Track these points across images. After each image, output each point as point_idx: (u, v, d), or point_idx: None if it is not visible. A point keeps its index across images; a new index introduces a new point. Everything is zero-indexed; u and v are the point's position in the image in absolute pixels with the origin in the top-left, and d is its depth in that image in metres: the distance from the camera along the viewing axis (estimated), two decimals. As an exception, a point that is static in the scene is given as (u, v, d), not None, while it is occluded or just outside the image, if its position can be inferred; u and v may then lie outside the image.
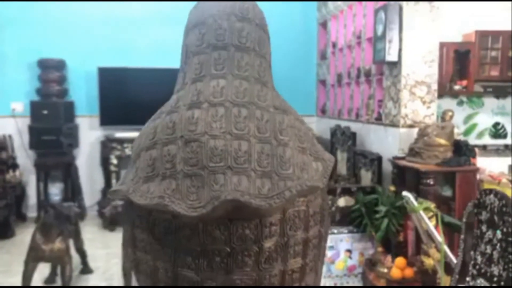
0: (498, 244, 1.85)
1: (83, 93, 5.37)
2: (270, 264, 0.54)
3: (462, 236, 2.09)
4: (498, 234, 1.85)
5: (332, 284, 3.32)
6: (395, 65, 3.49)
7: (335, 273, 3.41)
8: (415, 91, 3.43)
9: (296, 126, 0.57)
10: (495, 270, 1.84)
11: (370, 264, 3.35)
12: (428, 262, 2.97)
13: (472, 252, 2.02)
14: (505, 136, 5.28)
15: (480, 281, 1.92)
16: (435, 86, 3.47)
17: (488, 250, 1.91)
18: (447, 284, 2.58)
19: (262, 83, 0.59)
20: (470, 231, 2.06)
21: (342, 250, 3.43)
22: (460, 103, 5.14)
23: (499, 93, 5.15)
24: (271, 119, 0.55)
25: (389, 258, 3.24)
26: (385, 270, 3.16)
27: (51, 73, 5.09)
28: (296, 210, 0.56)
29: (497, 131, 5.29)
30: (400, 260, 3.10)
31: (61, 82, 5.19)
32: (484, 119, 5.22)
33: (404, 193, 2.51)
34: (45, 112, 5.04)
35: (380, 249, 3.34)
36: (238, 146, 0.52)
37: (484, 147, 5.05)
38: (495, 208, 1.87)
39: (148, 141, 0.57)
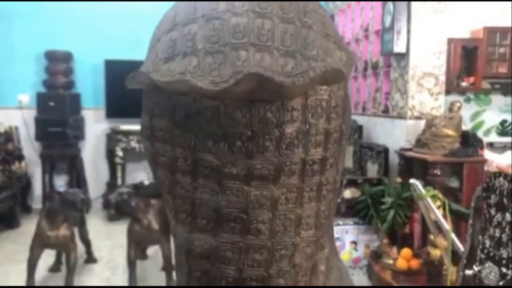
0: (507, 227, 1.83)
1: (90, 85, 5.38)
2: (291, 151, 0.53)
3: (470, 221, 2.07)
4: (508, 216, 1.83)
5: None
6: (403, 56, 3.48)
7: (340, 265, 3.39)
8: (423, 82, 3.41)
9: (320, 12, 0.56)
10: (504, 253, 1.83)
11: (376, 256, 3.33)
12: (435, 253, 2.94)
13: (480, 237, 2.00)
14: (512, 134, 5.25)
15: (489, 265, 1.90)
16: (443, 78, 3.46)
17: (497, 234, 1.89)
18: (454, 274, 2.55)
19: None
20: (479, 216, 2.04)
21: (348, 241, 3.41)
22: (467, 100, 5.10)
23: (507, 90, 5.11)
24: (294, 1, 0.54)
25: (394, 249, 3.22)
26: (391, 262, 3.15)
27: (58, 65, 5.12)
28: (319, 98, 0.55)
29: (504, 129, 5.25)
30: (406, 251, 3.08)
31: (67, 74, 5.21)
32: (491, 117, 5.18)
33: (412, 180, 2.50)
34: (52, 104, 5.06)
35: (385, 240, 3.32)
36: (261, 24, 0.51)
37: (491, 145, 5.01)
38: (505, 190, 1.86)
39: (168, 25, 0.56)
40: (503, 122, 5.21)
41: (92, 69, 5.35)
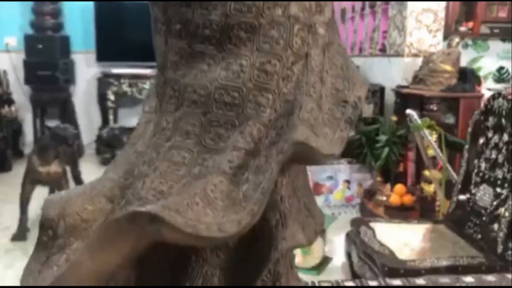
0: (504, 147, 1.81)
1: (79, 27, 5.22)
2: None
3: (466, 146, 2.05)
4: (505, 137, 1.81)
5: (329, 214, 3.31)
6: (402, -9, 3.37)
7: (333, 203, 3.40)
8: (421, 18, 3.32)
9: None
10: (499, 173, 1.81)
11: (369, 194, 3.34)
12: (428, 189, 2.95)
13: (476, 161, 1.98)
14: (509, 81, 5.19)
15: (483, 187, 1.89)
16: (442, 14, 3.37)
17: (493, 156, 1.87)
18: (446, 207, 2.56)
19: None
20: (475, 141, 2.02)
21: (341, 180, 3.41)
22: (465, 46, 5.01)
23: (506, 35, 5.02)
24: None
25: (388, 186, 3.23)
26: (384, 198, 3.16)
27: (45, 5, 4.93)
28: None
29: (501, 76, 5.19)
30: (400, 187, 3.09)
31: (56, 15, 5.02)
32: (489, 63, 5.11)
33: (408, 111, 2.46)
34: (40, 46, 4.91)
35: (379, 179, 3.33)
36: None
37: (488, 90, 4.98)
38: (504, 111, 1.82)
39: None
40: (500, 69, 5.14)
41: (82, 10, 5.18)
